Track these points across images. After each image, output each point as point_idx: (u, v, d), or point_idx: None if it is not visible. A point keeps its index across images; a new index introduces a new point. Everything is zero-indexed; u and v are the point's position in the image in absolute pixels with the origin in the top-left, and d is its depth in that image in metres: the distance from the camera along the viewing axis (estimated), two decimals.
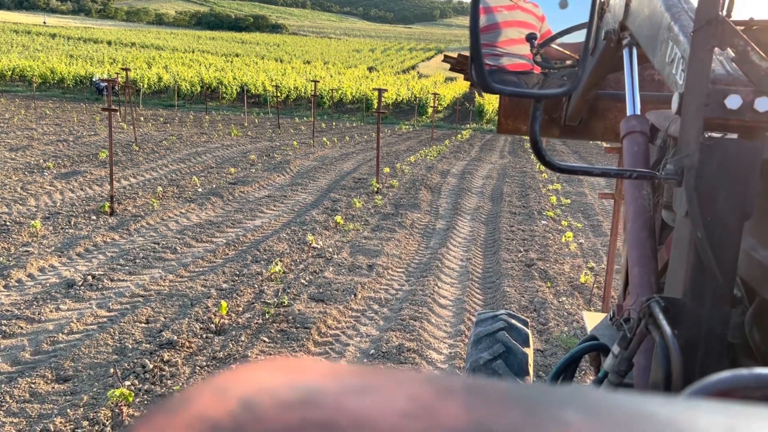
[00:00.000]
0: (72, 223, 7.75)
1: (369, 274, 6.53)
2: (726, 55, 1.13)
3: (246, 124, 23.41)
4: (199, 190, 10.27)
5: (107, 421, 3.61)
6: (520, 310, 5.66)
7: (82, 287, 5.69)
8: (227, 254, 7.00)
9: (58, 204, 8.71)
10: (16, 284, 5.69)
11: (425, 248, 7.80)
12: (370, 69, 69.05)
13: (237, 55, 74.37)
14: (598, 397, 0.25)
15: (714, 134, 1.16)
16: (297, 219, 8.77)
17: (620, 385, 1.45)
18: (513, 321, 2.95)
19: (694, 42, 1.14)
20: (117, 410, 3.67)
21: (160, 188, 9.93)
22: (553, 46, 1.71)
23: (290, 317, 5.24)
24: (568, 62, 1.76)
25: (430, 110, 32.30)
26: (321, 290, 5.95)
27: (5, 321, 4.88)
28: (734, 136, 1.16)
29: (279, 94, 33.43)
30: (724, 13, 1.59)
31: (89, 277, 5.91)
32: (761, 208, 1.17)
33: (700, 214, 1.12)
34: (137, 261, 6.52)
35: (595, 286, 6.34)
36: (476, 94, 35.04)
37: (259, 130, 21.34)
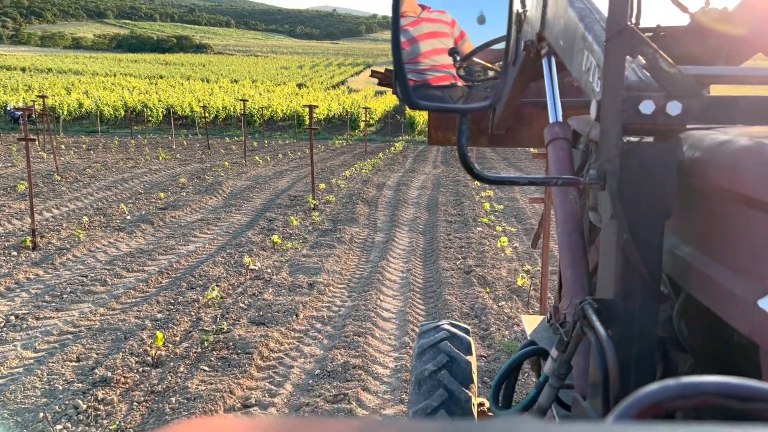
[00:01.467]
0: None
1: (310, 292, 6.45)
2: (637, 62, 1.17)
3: (174, 146, 22.86)
4: (128, 217, 9.91)
5: None
6: (461, 318, 5.71)
7: (4, 329, 5.36)
8: (161, 283, 6.77)
9: None
10: None
11: (365, 262, 7.78)
12: (300, 85, 68.86)
13: (161, 77, 72.72)
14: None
15: (632, 138, 1.19)
16: (232, 241, 8.59)
17: (561, 388, 1.47)
18: (455, 330, 2.96)
19: (607, 51, 1.18)
20: None
21: (85, 218, 9.52)
22: (475, 59, 1.72)
23: (230, 343, 5.10)
24: (491, 74, 1.77)
25: (362, 124, 32.49)
26: (261, 313, 5.83)
27: None
28: (650, 139, 1.20)
29: (207, 115, 32.84)
30: (633, 22, 1.69)
31: (12, 317, 5.58)
32: (680, 207, 1.22)
33: (625, 216, 1.16)
34: (64, 296, 6.21)
35: (531, 288, 6.48)
36: (407, 107, 35.51)
37: (188, 152, 20.87)
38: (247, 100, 20.38)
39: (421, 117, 32.27)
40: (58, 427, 3.72)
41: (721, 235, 1.18)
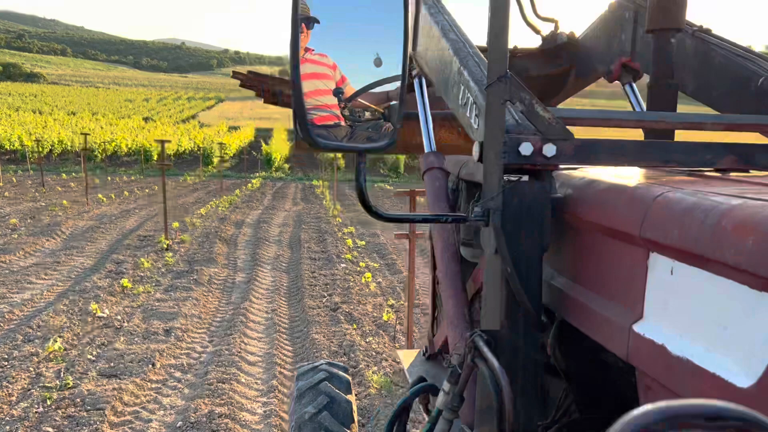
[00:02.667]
0: None
1: (167, 339, 6.03)
2: (516, 107, 1.24)
3: (2, 184, 20.67)
4: None
5: None
6: (330, 356, 5.63)
7: None
8: None
9: None
10: None
11: (227, 304, 7.46)
12: (146, 119, 65.63)
13: None
14: None
15: (511, 177, 1.26)
16: (75, 287, 7.84)
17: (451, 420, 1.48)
18: (334, 370, 2.91)
19: (488, 97, 1.25)
20: None
21: None
22: (359, 99, 1.72)
23: (78, 399, 4.60)
24: (368, 114, 1.74)
25: (216, 160, 31.58)
26: (112, 364, 5.34)
27: None
28: (526, 178, 1.27)
29: (41, 149, 30.13)
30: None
31: None
32: (555, 241, 1.29)
33: (508, 251, 1.22)
34: None
35: (397, 323, 6.57)
36: (263, 143, 35.10)
37: (19, 190, 18.98)
38: (89, 134, 18.99)
39: (278, 153, 32.07)
40: None
41: (595, 266, 1.24)
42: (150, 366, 5.32)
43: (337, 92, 1.32)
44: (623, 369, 1.17)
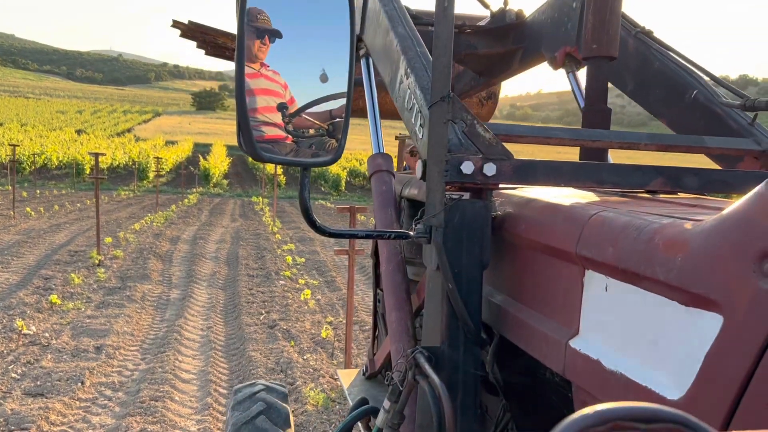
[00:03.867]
0: None
1: (97, 356, 5.87)
2: (458, 126, 1.27)
3: None
4: None
5: None
6: (267, 373, 5.61)
7: None
8: None
9: None
10: None
11: (160, 321, 7.31)
12: (79, 132, 63.50)
13: None
14: None
15: (453, 195, 1.30)
16: (0, 303, 7.51)
17: None
18: (272, 399, 2.64)
19: (431, 116, 1.29)
20: None
21: None
22: (303, 115, 1.69)
23: (1, 419, 4.42)
24: (312, 131, 1.72)
25: (151, 175, 30.80)
26: (39, 383, 5.16)
27: None
28: (467, 196, 1.32)
29: None
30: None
31: None
32: (494, 258, 1.32)
33: (449, 268, 1.24)
34: None
35: (335, 340, 6.60)
36: (201, 158, 34.50)
37: None
38: (17, 145, 18.24)
39: (217, 169, 31.61)
40: None
41: (533, 283, 1.26)
42: (79, 384, 5.17)
43: (282, 107, 1.32)
44: (560, 384, 1.19)
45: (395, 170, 2.05)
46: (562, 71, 2.16)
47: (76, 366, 5.58)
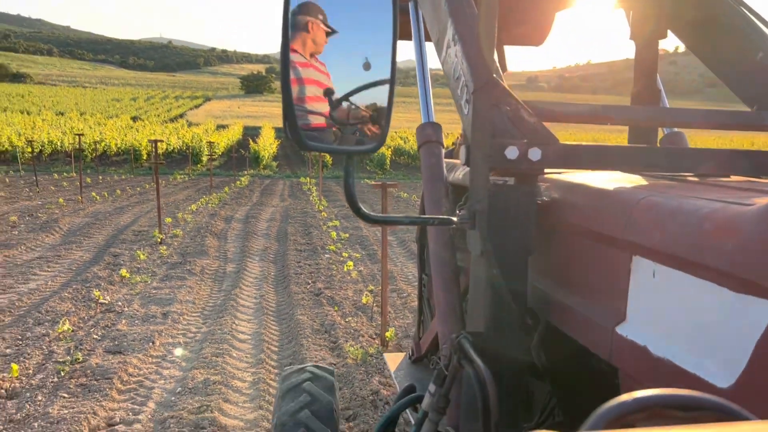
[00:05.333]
0: None
1: (164, 321, 6.64)
2: (503, 111, 1.25)
3: None
4: None
5: None
6: (312, 333, 6.26)
7: None
8: (3, 321, 6.57)
9: None
10: None
11: (218, 291, 8.07)
12: (135, 118, 65.79)
13: None
14: None
15: (497, 181, 1.30)
16: (77, 277, 8.43)
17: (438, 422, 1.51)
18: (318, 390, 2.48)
19: (474, 103, 1.30)
20: None
21: None
22: (347, 103, 1.58)
23: (88, 371, 5.21)
24: (356, 118, 1.64)
25: (205, 158, 32.03)
26: (116, 342, 5.95)
27: None
28: (512, 181, 1.31)
29: (31, 150, 30.51)
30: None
31: None
32: (539, 244, 1.31)
33: (494, 254, 1.25)
34: None
35: (374, 305, 7.21)
36: (251, 141, 35.57)
37: (13, 190, 19.39)
38: (82, 134, 19.45)
39: (266, 152, 32.58)
40: None
41: (579, 269, 1.25)
42: (150, 344, 5.93)
43: (329, 95, 1.29)
44: (607, 371, 1.17)
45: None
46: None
47: (146, 329, 6.36)
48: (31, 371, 5.23)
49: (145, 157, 33.09)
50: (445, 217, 1.40)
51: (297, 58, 1.22)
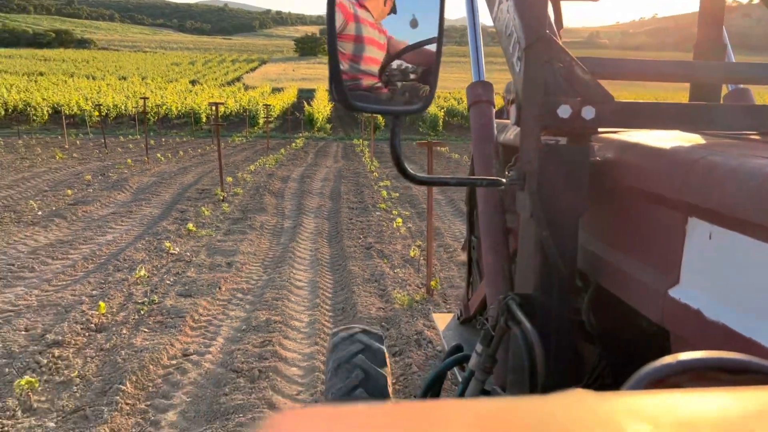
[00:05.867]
0: None
1: (229, 270, 7.26)
2: (556, 68, 1.21)
3: (67, 146, 22.35)
4: (39, 213, 10.18)
5: (16, 407, 4.08)
6: (363, 282, 6.75)
7: None
8: (87, 268, 7.33)
9: None
10: None
11: (277, 244, 8.66)
12: (193, 82, 67.46)
13: (41, 74, 68.77)
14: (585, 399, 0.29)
15: (548, 141, 1.26)
16: (149, 231, 9.17)
17: (484, 381, 1.54)
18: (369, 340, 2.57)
19: (526, 59, 1.25)
20: (24, 397, 4.14)
21: None
22: (395, 63, 1.50)
23: (164, 311, 5.85)
24: (404, 77, 1.52)
25: (261, 121, 32.84)
26: (187, 287, 6.59)
27: None
28: (564, 141, 1.27)
29: (97, 114, 31.99)
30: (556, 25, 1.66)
31: None
32: (591, 205, 1.28)
33: (544, 215, 1.22)
34: None
35: (421, 258, 7.64)
36: (305, 104, 36.16)
37: (84, 152, 20.58)
38: (148, 98, 20.40)
39: (320, 114, 33.11)
40: (25, 377, 4.37)
41: (632, 230, 1.22)
42: (217, 289, 6.55)
43: (375, 53, 1.26)
44: (657, 334, 1.15)
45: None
46: None
47: (213, 276, 6.99)
48: (114, 310, 5.91)
49: (204, 120, 34.17)
50: (494, 178, 1.37)
51: (343, 17, 1.19)
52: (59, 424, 3.90)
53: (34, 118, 32.90)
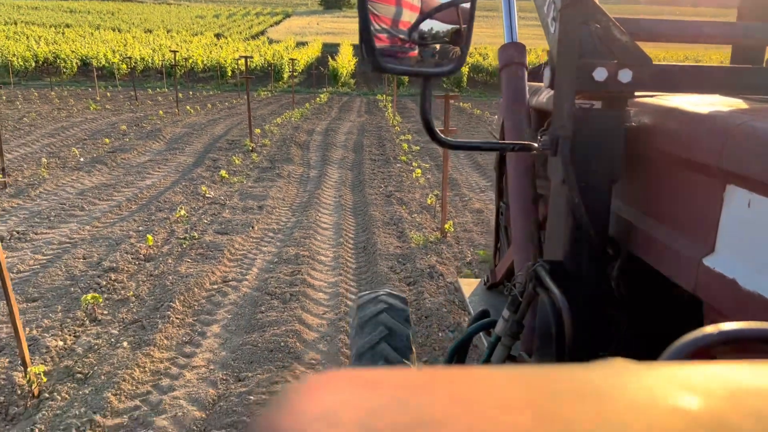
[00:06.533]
0: None
1: (260, 212, 7.89)
2: (592, 30, 1.17)
3: (98, 98, 23.05)
4: (81, 159, 10.88)
5: (84, 318, 4.78)
6: (383, 225, 7.34)
7: (11, 240, 6.53)
8: (131, 208, 8.01)
9: None
10: None
11: (303, 191, 9.27)
12: (218, 36, 67.48)
13: (68, 26, 69.29)
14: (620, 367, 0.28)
15: (583, 105, 1.23)
16: (184, 177, 9.83)
17: (510, 346, 1.53)
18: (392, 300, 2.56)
19: (562, 20, 1.20)
20: (90, 310, 4.84)
21: (43, 160, 10.44)
22: (426, 23, 1.41)
23: (203, 245, 6.51)
24: (435, 38, 1.45)
25: (286, 75, 33.18)
26: (223, 226, 7.24)
27: None
28: (599, 105, 1.24)
29: (128, 66, 32.58)
30: None
31: (14, 233, 6.74)
32: (626, 172, 1.24)
33: (576, 181, 1.19)
34: (51, 218, 7.37)
35: (437, 204, 8.19)
36: (329, 58, 36.34)
37: (116, 103, 21.27)
38: (177, 51, 20.88)
39: (344, 69, 33.32)
40: (90, 293, 5.06)
41: (667, 198, 1.19)
42: (250, 228, 7.19)
43: (406, 13, 1.24)
44: (690, 303, 1.13)
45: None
46: None
47: (246, 217, 7.62)
48: (159, 243, 6.59)
49: (230, 74, 34.61)
50: (526, 143, 1.34)
51: None
52: (121, 332, 4.59)
53: (64, 70, 33.62)
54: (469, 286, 2.76)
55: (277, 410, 0.25)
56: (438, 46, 1.25)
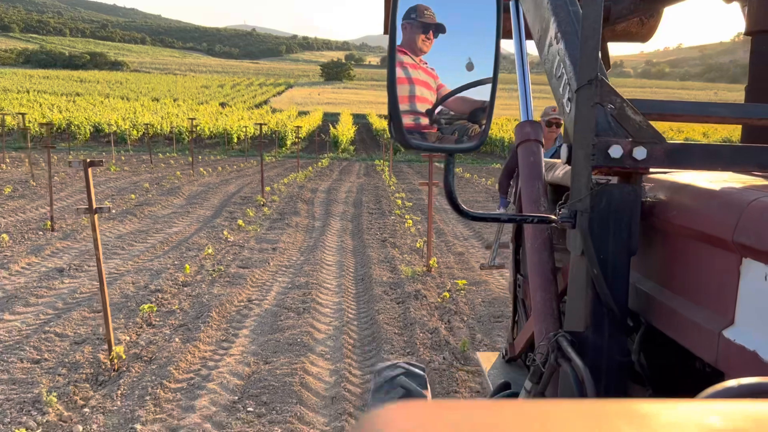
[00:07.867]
0: (26, 237, 9.69)
1: (274, 252, 9.28)
2: (607, 109, 1.22)
3: (114, 161, 24.76)
4: (113, 211, 12.34)
5: (142, 322, 6.09)
6: (378, 263, 8.72)
7: (70, 271, 7.89)
8: (165, 248, 9.40)
9: (3, 225, 10.50)
10: (17, 272, 7.76)
11: (310, 237, 10.69)
12: (223, 104, 70.55)
13: (78, 95, 72.33)
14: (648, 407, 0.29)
15: (599, 180, 1.29)
16: (206, 225, 11.26)
17: None
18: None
19: (578, 99, 1.27)
20: (147, 317, 6.16)
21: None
22: (447, 103, 1.43)
23: (229, 275, 7.87)
24: (456, 117, 1.47)
25: (289, 142, 35.16)
26: (244, 262, 8.61)
27: (28, 291, 7.04)
28: (615, 180, 1.29)
29: (136, 132, 34.58)
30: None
31: (72, 265, 8.11)
32: (643, 245, 1.28)
33: (595, 254, 1.22)
34: None
35: (424, 247, 9.60)
36: (330, 126, 38.49)
37: (131, 166, 22.93)
38: (195, 118, 22.76)
39: (344, 136, 35.35)
40: (146, 304, 6.38)
41: (684, 270, 1.21)
42: (267, 264, 8.56)
43: (432, 94, 1.29)
44: (711, 375, 1.13)
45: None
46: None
47: (262, 256, 9.01)
48: (192, 273, 7.95)
49: (236, 140, 36.58)
50: (545, 215, 1.38)
51: (403, 59, 1.23)
52: (172, 332, 5.90)
53: (78, 135, 35.56)
54: (488, 359, 2.76)
55: None
56: (456, 125, 1.32)
